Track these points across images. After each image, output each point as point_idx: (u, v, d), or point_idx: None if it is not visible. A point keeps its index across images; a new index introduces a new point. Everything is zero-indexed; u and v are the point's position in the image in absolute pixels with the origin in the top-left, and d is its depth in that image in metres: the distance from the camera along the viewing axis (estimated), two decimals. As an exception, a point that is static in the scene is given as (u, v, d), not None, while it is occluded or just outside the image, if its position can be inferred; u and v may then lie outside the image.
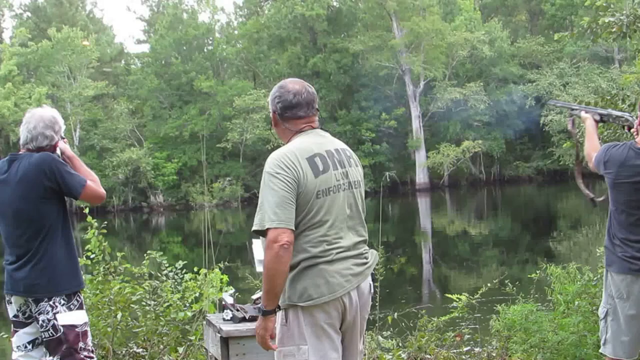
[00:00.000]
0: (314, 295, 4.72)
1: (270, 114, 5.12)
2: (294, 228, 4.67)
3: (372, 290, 5.04)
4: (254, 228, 4.75)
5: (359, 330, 4.99)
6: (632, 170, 5.62)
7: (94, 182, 5.91)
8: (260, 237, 4.96)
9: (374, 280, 5.10)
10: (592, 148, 6.11)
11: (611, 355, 5.83)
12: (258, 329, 4.80)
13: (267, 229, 4.65)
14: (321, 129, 5.10)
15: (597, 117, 6.21)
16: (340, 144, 5.12)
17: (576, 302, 8.17)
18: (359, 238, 4.98)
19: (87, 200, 6.00)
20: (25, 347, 5.79)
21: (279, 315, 4.81)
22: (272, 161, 4.81)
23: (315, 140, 4.97)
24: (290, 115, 5.00)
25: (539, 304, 8.63)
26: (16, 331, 5.81)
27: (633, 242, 5.65)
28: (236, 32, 74.30)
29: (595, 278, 8.37)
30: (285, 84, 5.15)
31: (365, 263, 4.96)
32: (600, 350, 5.99)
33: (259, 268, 6.21)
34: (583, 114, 6.33)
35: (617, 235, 5.75)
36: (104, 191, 6.02)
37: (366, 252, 5.02)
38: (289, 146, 4.92)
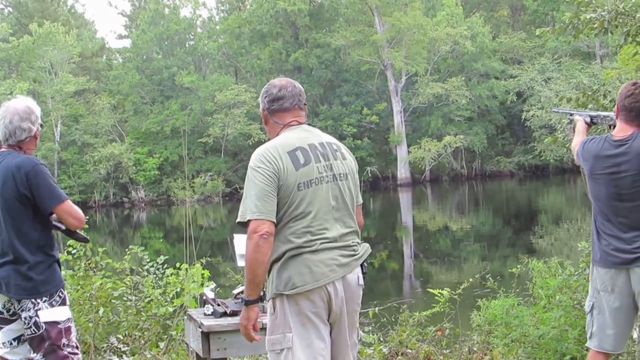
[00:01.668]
0: (297, 283, 4.84)
1: (261, 114, 5.27)
2: (274, 220, 4.81)
3: (361, 283, 5.09)
4: (237, 220, 4.90)
5: (347, 323, 5.05)
6: (607, 161, 5.65)
7: (73, 206, 5.75)
8: (239, 234, 5.27)
9: (364, 273, 5.15)
10: (577, 144, 6.17)
11: (597, 349, 5.85)
12: (242, 319, 4.98)
13: (248, 220, 4.81)
14: (308, 124, 5.25)
15: (588, 119, 6.28)
16: (327, 138, 5.27)
17: (557, 297, 8.19)
18: (347, 229, 5.07)
19: (62, 219, 5.69)
20: (11, 343, 5.77)
21: (268, 305, 4.99)
22: (255, 156, 4.97)
23: (299, 135, 5.10)
24: (277, 107, 5.14)
25: (520, 299, 8.65)
26: (1, 328, 5.78)
27: (614, 235, 5.67)
28: (218, 27, 74.17)
29: (576, 272, 8.39)
30: (272, 81, 5.31)
31: (353, 255, 5.05)
32: (587, 344, 5.99)
33: (241, 262, 6.19)
34: (576, 117, 6.38)
35: (600, 228, 5.78)
36: (83, 216, 5.83)
37: (355, 245, 5.10)
38: (273, 141, 5.06)
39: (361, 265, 5.12)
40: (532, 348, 7.82)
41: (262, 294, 5.10)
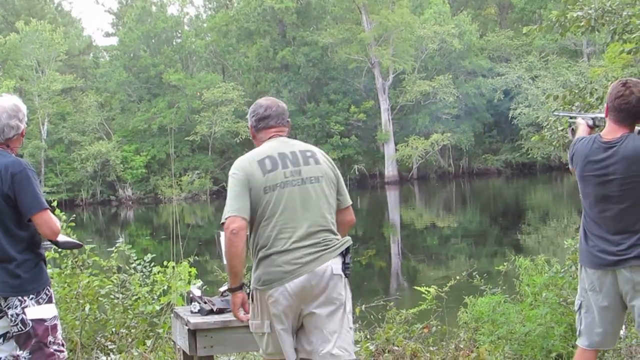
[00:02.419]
0: (266, 281, 5.36)
1: (249, 130, 5.88)
2: (245, 215, 5.37)
3: (337, 272, 5.42)
4: (221, 222, 5.45)
5: (324, 313, 5.40)
6: (596, 163, 5.65)
7: (52, 217, 5.70)
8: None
9: (346, 263, 5.47)
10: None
11: (586, 347, 5.86)
12: (231, 304, 5.58)
13: (226, 218, 5.39)
14: (288, 137, 5.85)
15: (590, 122, 6.26)
16: (302, 147, 5.78)
17: (544, 294, 8.21)
18: (317, 228, 5.48)
19: (38, 227, 5.60)
20: (-3, 341, 5.76)
21: (251, 294, 5.51)
22: (233, 166, 5.60)
23: (273, 145, 5.67)
24: (264, 126, 5.76)
25: (507, 296, 8.67)
26: (-13, 325, 5.76)
27: (601, 236, 5.68)
28: (205, 25, 74.11)
29: (562, 270, 8.42)
30: (258, 100, 5.96)
31: (325, 249, 5.43)
32: (576, 342, 6.00)
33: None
34: (579, 120, 6.38)
35: (588, 229, 5.79)
36: (59, 229, 5.77)
37: (326, 240, 5.48)
38: (248, 153, 5.68)
39: (344, 255, 5.48)
40: (518, 345, 7.85)
41: (248, 290, 5.60)
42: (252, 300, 5.50)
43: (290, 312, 5.40)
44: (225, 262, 5.63)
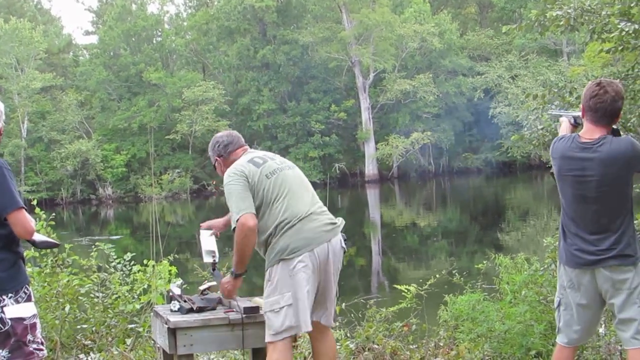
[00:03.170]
0: (295, 248, 5.90)
1: (215, 161, 6.51)
2: (254, 211, 5.93)
3: (344, 246, 6.24)
4: (232, 227, 6.00)
5: (332, 280, 6.16)
6: (573, 163, 5.66)
7: (26, 216, 5.66)
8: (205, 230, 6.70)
9: (345, 240, 6.29)
10: None
11: (564, 344, 5.88)
12: (227, 284, 6.17)
13: (237, 219, 5.88)
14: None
15: (572, 120, 6.28)
16: (266, 152, 6.54)
17: (523, 292, 8.23)
18: (318, 201, 6.27)
19: (12, 226, 5.49)
20: (-24, 340, 5.73)
21: (266, 274, 6.02)
22: (225, 176, 6.15)
23: (250, 154, 6.38)
24: (232, 149, 6.43)
25: (486, 294, 8.69)
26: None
27: (579, 235, 5.70)
28: (185, 23, 74.05)
29: (542, 268, 8.44)
30: (216, 135, 6.67)
31: (334, 223, 6.21)
32: (557, 339, 6.02)
33: (207, 259, 6.69)
34: (562, 118, 6.39)
35: (566, 228, 5.81)
36: (33, 229, 5.71)
37: (329, 213, 6.28)
38: (237, 162, 6.27)
39: (341, 233, 6.24)
40: (498, 343, 7.87)
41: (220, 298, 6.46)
42: (271, 277, 5.97)
43: (316, 277, 6.01)
44: (209, 264, 6.36)
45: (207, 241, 6.72)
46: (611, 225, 5.62)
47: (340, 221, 6.30)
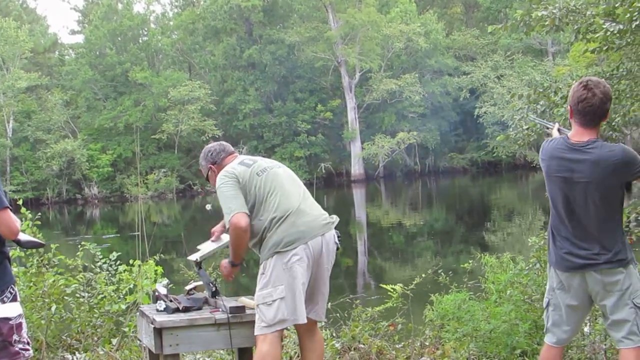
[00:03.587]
0: (288, 242, 6.03)
1: (209, 170, 6.62)
2: (246, 210, 6.09)
3: (337, 241, 6.36)
4: (226, 227, 6.22)
5: (323, 274, 6.32)
6: (562, 163, 5.62)
7: (11, 216, 5.59)
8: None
9: (338, 237, 6.39)
10: None
11: (552, 344, 5.87)
12: (225, 268, 6.40)
13: (229, 219, 6.06)
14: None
15: (556, 133, 6.26)
16: (258, 157, 6.74)
17: (508, 291, 8.25)
18: (309, 196, 6.43)
19: None
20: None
21: (260, 267, 6.16)
22: (217, 180, 6.33)
23: (240, 157, 6.58)
24: (224, 155, 6.62)
25: (471, 294, 8.71)
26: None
27: (569, 239, 5.68)
28: (171, 23, 73.97)
29: (526, 267, 8.47)
30: (207, 146, 6.84)
31: (328, 218, 6.35)
32: (545, 339, 6.03)
33: (192, 257, 6.80)
34: (553, 131, 6.34)
35: (555, 230, 5.77)
36: (18, 229, 5.70)
37: (322, 210, 6.39)
38: (227, 166, 6.45)
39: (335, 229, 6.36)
40: (483, 342, 7.90)
41: (214, 289, 6.57)
42: (265, 270, 6.10)
43: (309, 269, 6.14)
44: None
45: (206, 244, 6.86)
46: (601, 228, 5.60)
47: (335, 218, 6.42)
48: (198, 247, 6.87)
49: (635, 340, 5.61)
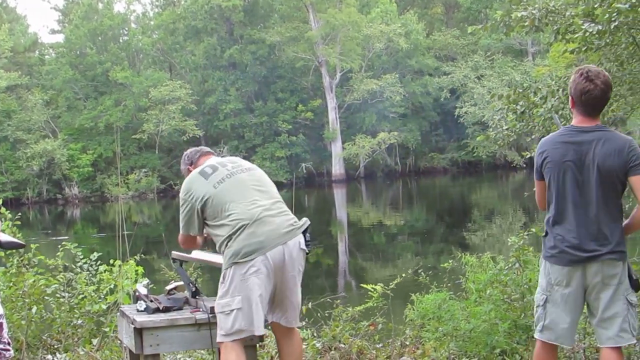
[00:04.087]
0: (247, 253, 5.89)
1: (187, 170, 6.64)
2: (194, 233, 6.34)
3: (303, 247, 6.17)
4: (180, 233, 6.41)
5: (289, 283, 6.14)
6: (569, 147, 5.60)
7: None
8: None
9: (307, 241, 6.21)
10: None
11: (551, 341, 5.80)
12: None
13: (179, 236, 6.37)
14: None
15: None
16: (230, 158, 6.72)
17: (488, 291, 8.28)
18: (276, 199, 6.28)
19: None
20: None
21: (221, 276, 6.02)
22: (182, 187, 6.45)
23: (211, 160, 6.57)
24: (200, 155, 6.72)
25: (451, 293, 8.74)
26: None
27: (570, 229, 5.65)
28: (152, 22, 73.80)
29: (506, 267, 8.50)
30: (186, 152, 6.91)
31: (293, 224, 6.15)
32: (536, 336, 5.97)
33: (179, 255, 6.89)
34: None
35: (556, 222, 5.70)
36: None
37: (288, 212, 6.25)
38: (190, 174, 6.51)
39: (303, 234, 6.18)
40: (463, 342, 7.91)
41: (194, 289, 6.52)
42: (224, 279, 5.96)
43: (271, 280, 5.98)
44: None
45: (198, 251, 6.87)
46: (606, 217, 5.58)
47: (303, 221, 6.26)
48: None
49: (626, 338, 5.60)
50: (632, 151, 5.53)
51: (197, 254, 6.79)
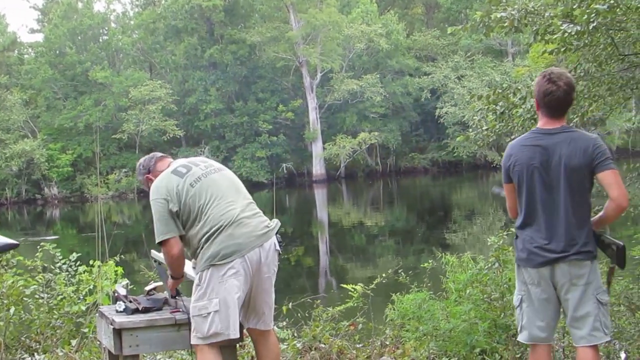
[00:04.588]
0: (225, 255, 5.86)
1: (147, 180, 6.53)
2: (176, 234, 6.04)
3: (278, 249, 6.17)
4: (157, 241, 6.10)
5: (265, 284, 6.13)
6: (536, 150, 5.68)
7: None
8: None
9: (280, 242, 6.22)
10: None
11: (528, 341, 5.84)
12: (170, 285, 6.39)
13: (160, 242, 6.06)
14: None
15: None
16: (196, 157, 6.62)
17: (468, 291, 8.30)
18: (249, 200, 6.24)
19: None
20: None
21: (196, 278, 6.00)
22: (150, 191, 6.24)
23: (177, 161, 6.44)
24: (155, 160, 6.57)
25: (431, 293, 8.75)
26: None
27: (538, 230, 5.70)
28: (132, 22, 73.63)
29: (486, 267, 8.51)
30: (138, 162, 6.75)
31: (267, 226, 6.14)
32: (518, 338, 6.03)
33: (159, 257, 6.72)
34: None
35: (525, 224, 5.78)
36: None
37: (262, 215, 6.22)
38: (160, 175, 6.32)
39: (276, 235, 6.17)
40: (443, 341, 7.93)
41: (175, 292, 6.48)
42: (200, 282, 5.92)
43: (247, 283, 5.97)
44: (169, 269, 6.30)
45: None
46: (573, 218, 5.63)
47: (275, 223, 6.25)
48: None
49: (599, 336, 5.64)
50: (597, 149, 5.61)
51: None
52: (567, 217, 5.64)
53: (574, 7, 7.97)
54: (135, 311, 6.27)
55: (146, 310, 6.29)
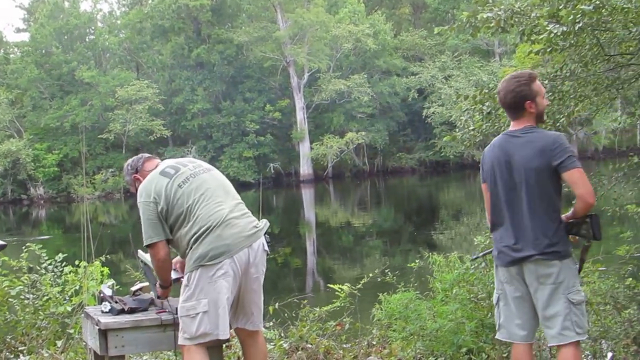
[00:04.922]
0: (214, 256, 5.83)
1: (134, 180, 6.53)
2: (163, 238, 6.03)
3: (266, 249, 6.14)
4: (144, 244, 6.10)
5: (254, 284, 6.11)
6: (502, 151, 5.80)
7: None
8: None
9: (268, 242, 6.18)
10: None
11: (506, 339, 5.90)
12: (161, 293, 6.34)
13: (148, 245, 6.06)
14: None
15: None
16: (184, 158, 6.61)
17: (454, 290, 8.30)
18: (238, 200, 6.21)
19: None
20: None
21: (184, 278, 6.00)
22: (138, 192, 6.22)
23: (165, 162, 6.40)
24: (144, 160, 6.59)
25: (418, 292, 8.74)
26: None
27: (506, 229, 5.76)
28: (119, 21, 73.58)
29: (472, 267, 8.52)
30: (126, 163, 6.75)
31: (256, 226, 6.10)
32: (496, 336, 6.05)
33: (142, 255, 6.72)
34: None
35: (495, 224, 5.88)
36: None
37: (250, 215, 6.19)
38: (148, 176, 6.27)
39: (264, 235, 6.15)
40: (429, 341, 7.93)
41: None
42: (189, 282, 5.90)
43: (236, 284, 5.95)
44: (157, 275, 6.28)
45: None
46: (537, 218, 5.68)
47: (264, 223, 6.23)
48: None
49: (570, 336, 5.65)
50: (557, 148, 5.66)
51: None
52: (532, 218, 5.71)
53: (560, 7, 7.98)
54: (121, 312, 6.25)
55: (132, 311, 6.27)
